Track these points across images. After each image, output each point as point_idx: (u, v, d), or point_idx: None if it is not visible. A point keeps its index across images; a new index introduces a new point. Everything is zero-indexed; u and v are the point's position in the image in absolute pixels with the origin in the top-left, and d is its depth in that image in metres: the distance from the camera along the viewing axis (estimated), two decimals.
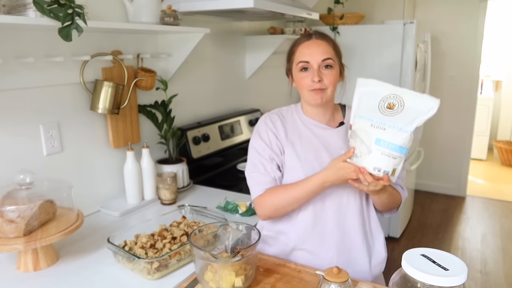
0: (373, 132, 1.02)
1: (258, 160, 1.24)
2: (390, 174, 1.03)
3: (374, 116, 1.03)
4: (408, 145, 1.01)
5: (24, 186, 1.20)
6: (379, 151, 1.01)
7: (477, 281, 2.76)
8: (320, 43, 1.20)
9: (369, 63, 3.13)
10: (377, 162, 1.02)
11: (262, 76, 2.80)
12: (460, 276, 0.73)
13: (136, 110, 1.77)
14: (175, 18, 1.63)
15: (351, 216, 1.22)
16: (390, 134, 1.01)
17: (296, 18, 2.49)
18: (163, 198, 1.70)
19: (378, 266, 1.27)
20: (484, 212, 3.93)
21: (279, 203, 1.19)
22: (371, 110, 1.05)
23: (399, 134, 1.00)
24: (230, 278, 1.01)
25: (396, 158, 1.01)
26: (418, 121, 1.00)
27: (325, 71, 1.19)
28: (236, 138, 2.38)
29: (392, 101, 1.03)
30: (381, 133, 1.02)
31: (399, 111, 1.01)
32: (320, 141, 1.24)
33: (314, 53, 1.19)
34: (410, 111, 1.01)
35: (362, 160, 1.04)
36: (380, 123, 1.02)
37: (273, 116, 1.30)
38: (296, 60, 1.22)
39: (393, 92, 1.04)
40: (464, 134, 4.20)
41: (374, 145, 1.02)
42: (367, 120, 1.04)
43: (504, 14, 5.51)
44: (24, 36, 1.33)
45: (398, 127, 1.00)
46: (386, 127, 1.01)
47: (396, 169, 1.03)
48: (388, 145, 1.01)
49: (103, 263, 1.22)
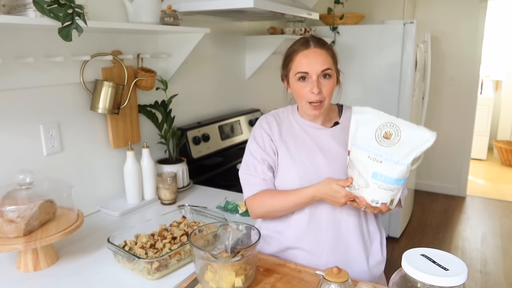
0: (370, 165, 1.02)
1: (250, 161, 1.27)
2: (388, 204, 1.04)
3: (371, 147, 1.02)
4: (405, 176, 1.01)
5: (24, 186, 1.20)
6: (376, 185, 1.02)
7: (477, 281, 2.76)
8: (319, 52, 1.18)
9: (369, 63, 3.13)
10: (375, 195, 1.03)
11: (262, 76, 2.80)
12: (460, 276, 0.73)
13: (136, 110, 1.77)
14: (175, 18, 1.63)
15: (347, 217, 1.22)
16: (386, 167, 1.00)
17: (296, 18, 2.49)
18: (163, 198, 1.70)
19: (376, 266, 1.27)
20: (484, 212, 3.93)
21: (269, 208, 1.23)
22: (368, 139, 1.03)
23: (395, 167, 0.99)
24: (230, 278, 1.01)
25: (394, 190, 1.02)
26: (414, 153, 0.99)
27: (324, 81, 1.18)
28: (236, 138, 2.38)
29: (388, 129, 1.01)
30: (377, 167, 1.01)
31: (396, 142, 1.00)
32: (314, 141, 1.24)
33: (313, 63, 1.17)
34: (406, 142, 0.99)
35: (359, 192, 1.06)
36: (376, 154, 1.01)
37: (269, 117, 1.31)
38: (294, 70, 1.20)
39: (389, 120, 1.02)
40: (464, 134, 4.20)
41: (371, 179, 1.02)
42: (364, 151, 1.03)
43: (504, 14, 5.51)
44: (24, 36, 1.33)
45: (394, 160, 0.99)
46: (383, 160, 1.00)
47: (394, 198, 1.04)
48: (385, 179, 1.01)
49: (103, 263, 1.22)
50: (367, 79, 3.16)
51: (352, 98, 3.06)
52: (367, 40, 3.12)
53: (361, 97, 3.11)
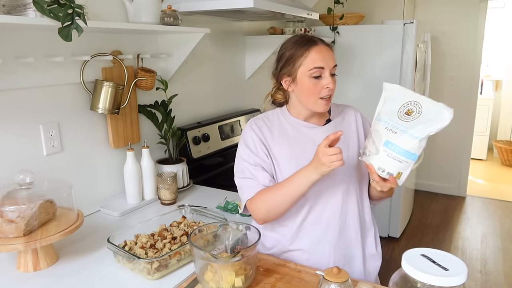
0: (385, 134, 1.05)
1: (245, 167, 1.23)
2: (395, 176, 1.04)
3: (391, 120, 1.05)
4: (417, 151, 1.02)
5: (24, 186, 1.20)
6: (386, 152, 1.04)
7: (477, 281, 2.76)
8: (328, 49, 1.19)
9: (369, 63, 3.13)
10: (382, 163, 1.05)
11: (262, 76, 2.80)
12: (460, 276, 0.73)
13: (136, 110, 1.77)
14: (175, 18, 1.63)
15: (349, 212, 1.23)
16: (399, 138, 1.02)
17: (296, 18, 2.49)
18: (163, 198, 1.70)
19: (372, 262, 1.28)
20: (484, 212, 3.93)
21: (270, 204, 1.17)
22: (390, 114, 1.07)
23: (408, 139, 1.01)
24: (230, 278, 1.01)
25: (402, 162, 1.03)
26: (429, 129, 1.00)
27: (332, 78, 1.19)
28: (236, 138, 2.38)
29: (411, 107, 1.04)
30: (391, 136, 1.04)
31: (415, 118, 1.02)
32: (308, 140, 1.24)
33: (327, 58, 1.17)
34: (425, 118, 1.01)
35: (369, 158, 1.08)
36: (394, 127, 1.04)
37: (258, 121, 1.28)
38: (308, 66, 1.17)
39: (414, 98, 1.05)
40: (464, 134, 4.20)
41: (383, 146, 1.04)
42: (384, 123, 1.06)
43: (504, 14, 5.51)
44: (24, 36, 1.33)
45: (408, 133, 1.02)
46: (398, 131, 1.03)
47: (403, 173, 1.04)
48: (395, 148, 1.03)
49: (103, 263, 1.22)
50: (367, 79, 3.16)
51: (352, 98, 3.06)
52: (367, 40, 3.12)
53: (361, 97, 3.11)
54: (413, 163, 1.03)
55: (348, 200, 1.23)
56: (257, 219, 1.22)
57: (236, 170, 1.27)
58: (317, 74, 1.16)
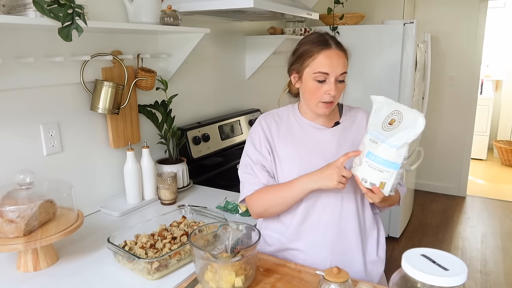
0: (368, 145, 1.07)
1: (247, 162, 1.27)
2: (378, 186, 1.05)
3: (375, 131, 1.07)
4: (396, 160, 1.02)
5: (24, 186, 1.20)
6: (367, 163, 1.06)
7: (477, 281, 2.76)
8: (340, 54, 1.17)
9: (369, 63, 3.13)
10: (364, 173, 1.07)
11: (262, 76, 2.80)
12: (460, 276, 0.73)
13: (136, 110, 1.77)
14: (175, 18, 1.63)
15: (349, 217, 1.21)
16: (379, 148, 1.04)
17: (296, 18, 2.49)
18: (163, 198, 1.70)
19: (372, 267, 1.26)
20: (484, 212, 3.93)
21: (267, 203, 1.21)
22: (377, 125, 1.08)
23: (386, 149, 1.03)
24: (230, 278, 1.01)
25: (383, 172, 1.04)
26: (406, 137, 1.01)
27: (339, 85, 1.17)
28: (236, 138, 2.38)
29: (394, 117, 1.05)
30: (372, 147, 1.05)
31: (396, 127, 1.03)
32: (314, 141, 1.24)
33: (335, 65, 1.15)
34: (403, 127, 1.02)
35: (355, 170, 1.10)
36: (376, 137, 1.06)
37: (268, 117, 1.30)
38: (314, 68, 1.16)
39: (397, 108, 1.06)
40: (464, 134, 4.20)
41: (365, 157, 1.06)
42: (369, 135, 1.08)
43: (504, 14, 5.51)
44: (24, 36, 1.33)
45: (387, 142, 1.03)
46: (378, 142, 1.05)
47: (386, 183, 1.05)
48: (375, 158, 1.04)
49: (103, 263, 1.22)
50: (367, 79, 3.15)
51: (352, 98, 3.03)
52: (367, 40, 3.12)
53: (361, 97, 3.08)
54: (395, 172, 1.03)
55: (348, 204, 1.22)
56: (253, 214, 1.28)
57: (241, 164, 1.30)
58: (321, 78, 1.16)
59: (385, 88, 3.08)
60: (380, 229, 1.31)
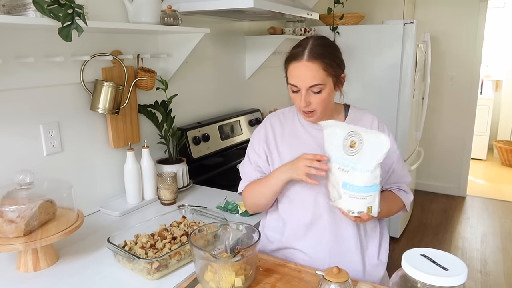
0: (340, 176, 1.06)
1: (246, 160, 1.35)
2: (366, 212, 1.05)
3: (340, 157, 1.06)
4: (374, 181, 1.02)
5: (24, 186, 1.20)
6: (347, 194, 1.04)
7: (477, 281, 2.76)
8: (310, 67, 1.12)
9: (369, 63, 3.13)
10: (349, 205, 1.05)
11: (262, 76, 2.80)
12: (460, 276, 0.73)
13: (136, 110, 1.77)
14: (175, 18, 1.63)
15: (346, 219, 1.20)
16: (353, 176, 1.03)
17: (296, 18, 2.49)
18: (163, 198, 1.70)
19: (373, 270, 1.26)
20: (484, 212, 3.93)
21: (254, 198, 1.29)
22: (337, 150, 1.07)
23: (360, 175, 1.02)
24: (230, 278, 1.01)
25: (366, 198, 1.03)
26: (376, 159, 1.00)
27: (313, 95, 1.16)
28: (236, 138, 2.38)
29: (352, 138, 1.04)
30: (345, 177, 1.04)
31: (359, 150, 1.02)
32: (316, 143, 1.24)
33: (302, 77, 1.14)
34: (367, 149, 1.01)
35: (337, 203, 1.09)
36: (344, 165, 1.05)
37: (274, 118, 1.34)
38: (288, 79, 1.19)
39: (352, 129, 1.05)
40: (464, 134, 4.20)
41: (342, 189, 1.05)
42: (335, 163, 1.07)
43: (504, 14, 5.51)
44: (24, 36, 1.33)
45: (358, 168, 1.02)
46: (349, 169, 1.03)
47: (372, 206, 1.04)
48: (353, 188, 1.03)
49: (103, 263, 1.22)
50: (367, 79, 3.15)
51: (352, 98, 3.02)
52: (367, 40, 3.12)
53: (361, 97, 3.11)
54: (377, 193, 1.03)
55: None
56: (247, 208, 1.36)
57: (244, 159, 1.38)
58: (294, 89, 1.18)
59: (385, 88, 3.08)
60: (384, 233, 1.31)
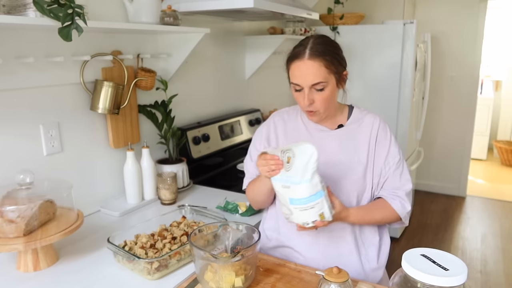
0: (285, 193, 1.07)
1: (249, 158, 1.37)
2: (320, 220, 1.06)
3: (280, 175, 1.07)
4: (316, 189, 1.03)
5: (24, 186, 1.20)
6: (297, 209, 1.06)
7: (477, 281, 2.76)
8: (311, 65, 1.13)
9: (369, 63, 3.13)
10: (301, 218, 1.07)
11: (262, 76, 2.80)
12: (460, 276, 0.73)
13: (136, 110, 1.77)
14: (175, 18, 1.63)
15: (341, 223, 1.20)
16: (295, 190, 1.04)
17: (296, 18, 2.49)
18: (163, 198, 1.70)
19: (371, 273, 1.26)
20: (484, 212, 3.93)
21: (252, 195, 1.32)
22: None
23: (301, 187, 1.03)
24: (230, 278, 1.01)
25: (314, 207, 1.04)
26: (309, 167, 1.02)
27: (317, 93, 1.16)
28: (236, 138, 2.38)
29: (288, 154, 1.05)
30: (289, 193, 1.06)
31: (293, 163, 1.04)
32: (317, 143, 1.23)
33: (304, 76, 1.14)
34: (299, 161, 1.03)
35: (291, 219, 1.10)
36: (285, 181, 1.06)
37: (277, 116, 1.35)
38: (291, 79, 1.20)
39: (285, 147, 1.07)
40: (464, 134, 4.19)
41: (290, 205, 1.07)
42: (278, 182, 1.08)
43: (504, 14, 5.51)
44: (24, 36, 1.33)
45: (297, 182, 1.03)
46: (290, 185, 1.05)
47: (323, 212, 1.05)
48: (299, 201, 1.04)
49: (103, 263, 1.22)
50: (367, 79, 3.15)
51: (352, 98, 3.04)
52: (367, 40, 3.12)
53: (361, 97, 3.11)
54: (323, 198, 1.04)
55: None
56: (251, 205, 1.39)
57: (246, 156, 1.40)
58: (297, 88, 1.18)
59: (385, 88, 3.08)
60: (384, 238, 1.30)
